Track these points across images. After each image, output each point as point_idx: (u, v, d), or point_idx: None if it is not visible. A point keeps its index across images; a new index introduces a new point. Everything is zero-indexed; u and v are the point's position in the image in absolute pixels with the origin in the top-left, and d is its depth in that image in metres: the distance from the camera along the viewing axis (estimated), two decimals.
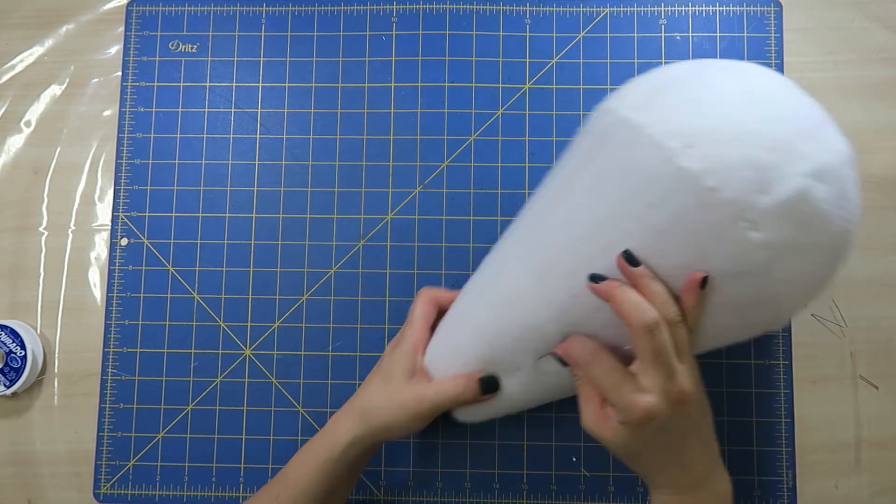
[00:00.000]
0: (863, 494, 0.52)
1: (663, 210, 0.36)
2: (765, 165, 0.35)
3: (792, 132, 0.36)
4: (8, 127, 0.58)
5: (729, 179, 0.35)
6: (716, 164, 0.35)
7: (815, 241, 0.37)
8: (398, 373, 0.46)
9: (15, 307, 0.56)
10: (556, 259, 0.41)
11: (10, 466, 0.54)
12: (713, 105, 0.37)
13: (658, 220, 0.37)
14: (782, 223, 0.35)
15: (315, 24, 0.58)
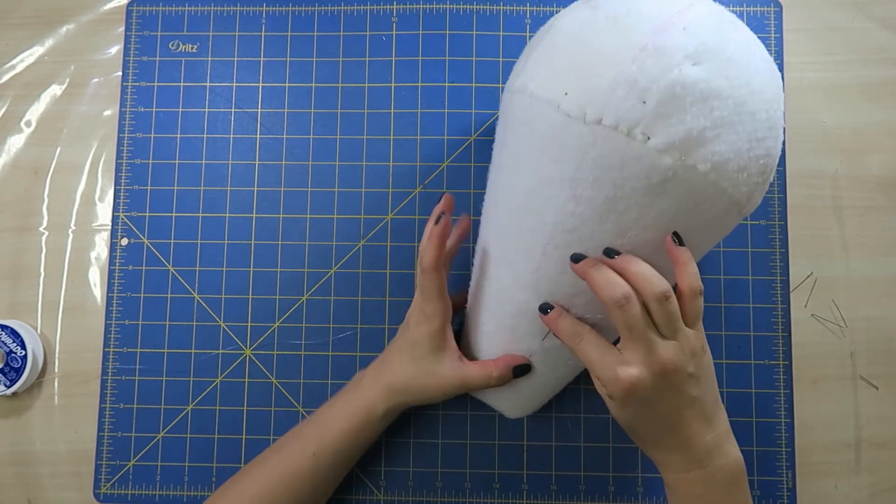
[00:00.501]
0: (863, 494, 0.52)
1: (569, 160, 0.38)
2: (633, 78, 0.36)
3: (646, 35, 0.36)
4: (8, 127, 0.58)
5: (608, 106, 0.36)
6: (590, 98, 0.36)
7: (719, 118, 0.37)
8: (429, 351, 0.46)
9: (15, 307, 0.56)
10: (511, 244, 0.43)
11: (10, 466, 0.54)
12: (568, 45, 0.39)
13: (568, 172, 0.38)
14: (673, 118, 0.36)
15: (315, 24, 0.58)
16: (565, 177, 0.38)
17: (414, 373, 0.47)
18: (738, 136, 0.37)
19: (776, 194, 0.55)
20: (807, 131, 0.55)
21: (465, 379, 0.46)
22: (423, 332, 0.46)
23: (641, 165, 0.36)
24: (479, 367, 0.46)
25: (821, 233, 0.55)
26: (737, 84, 0.37)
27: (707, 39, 0.36)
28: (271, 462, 0.47)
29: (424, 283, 0.45)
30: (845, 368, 0.53)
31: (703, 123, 0.36)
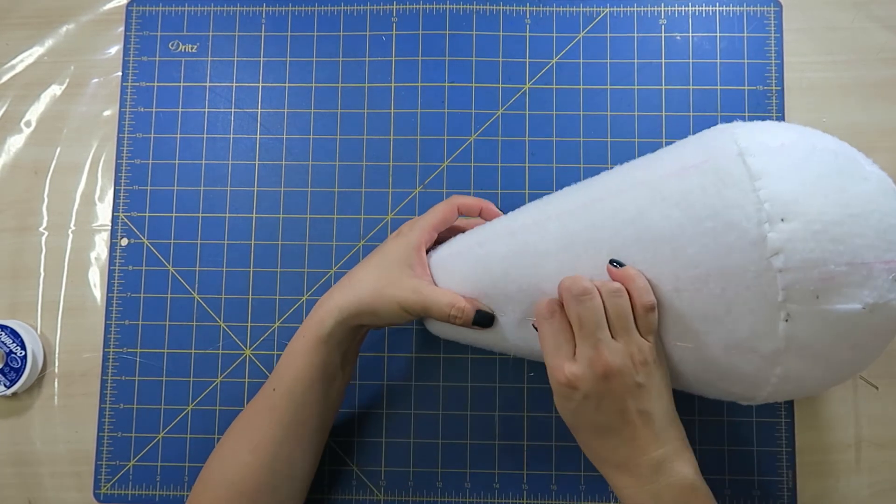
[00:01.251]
0: (863, 494, 0.52)
1: (717, 260, 0.36)
2: (838, 278, 0.35)
3: (883, 264, 0.36)
4: (8, 127, 0.58)
5: (798, 270, 0.35)
6: (795, 254, 0.35)
7: (842, 360, 0.37)
8: (396, 261, 0.45)
9: (15, 307, 0.56)
10: (593, 239, 0.41)
11: (10, 466, 0.54)
12: (835, 195, 0.36)
13: (705, 267, 0.37)
14: (820, 331, 0.35)
15: (315, 24, 0.58)
16: (696, 261, 0.37)
17: (375, 279, 0.44)
18: (821, 379, 0.39)
19: None
20: None
21: (427, 298, 0.43)
22: (399, 243, 0.45)
23: (757, 330, 0.36)
24: (446, 293, 0.44)
25: None
26: (869, 353, 0.39)
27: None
28: (245, 410, 0.46)
29: (437, 208, 0.46)
30: None
31: (830, 354, 0.37)
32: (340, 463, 0.53)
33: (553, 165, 0.55)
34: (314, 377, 0.44)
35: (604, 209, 0.41)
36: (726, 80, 0.56)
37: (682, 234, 0.37)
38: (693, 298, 0.37)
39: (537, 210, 0.45)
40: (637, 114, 0.56)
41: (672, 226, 0.38)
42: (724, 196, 0.37)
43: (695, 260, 0.37)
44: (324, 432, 0.48)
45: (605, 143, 0.55)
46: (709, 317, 0.37)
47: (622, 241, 0.39)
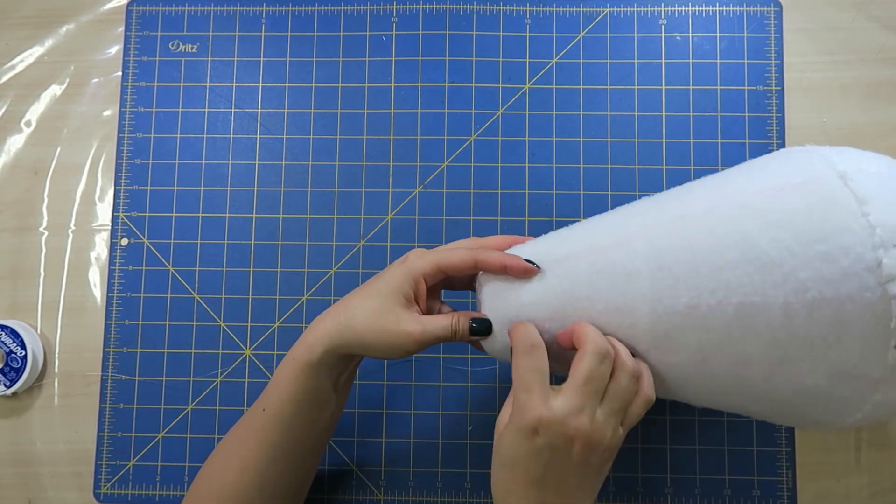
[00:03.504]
0: (863, 494, 0.52)
1: (829, 285, 0.35)
2: None
3: None
4: (8, 127, 0.58)
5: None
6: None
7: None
8: (391, 294, 0.41)
9: (15, 307, 0.56)
10: (691, 261, 0.39)
11: (10, 466, 0.54)
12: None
13: (817, 291, 0.35)
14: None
15: (315, 24, 0.58)
16: (805, 287, 0.36)
17: (370, 307, 0.41)
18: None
19: None
20: (807, 131, 0.55)
21: (425, 330, 0.41)
22: (400, 271, 0.42)
23: (864, 359, 0.35)
24: (441, 317, 0.42)
25: None
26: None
27: None
28: (236, 426, 0.45)
29: (458, 253, 0.42)
30: None
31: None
32: (340, 463, 0.53)
33: (553, 165, 0.55)
34: (303, 402, 0.43)
35: (698, 228, 0.39)
36: (726, 80, 0.56)
37: (791, 258, 0.36)
38: (803, 324, 0.36)
39: (617, 224, 0.43)
40: (637, 114, 0.56)
41: (780, 249, 0.36)
42: (833, 219, 0.36)
43: (806, 284, 0.36)
44: (316, 455, 0.47)
45: (605, 143, 0.55)
46: (817, 343, 0.36)
47: (725, 262, 0.38)
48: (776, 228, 0.37)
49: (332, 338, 0.41)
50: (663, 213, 0.42)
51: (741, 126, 0.55)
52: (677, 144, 0.55)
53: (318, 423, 0.44)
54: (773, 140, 0.55)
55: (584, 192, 0.55)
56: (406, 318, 0.41)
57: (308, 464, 0.46)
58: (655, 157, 0.55)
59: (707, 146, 0.55)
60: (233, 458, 0.44)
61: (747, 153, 0.55)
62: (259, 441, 0.43)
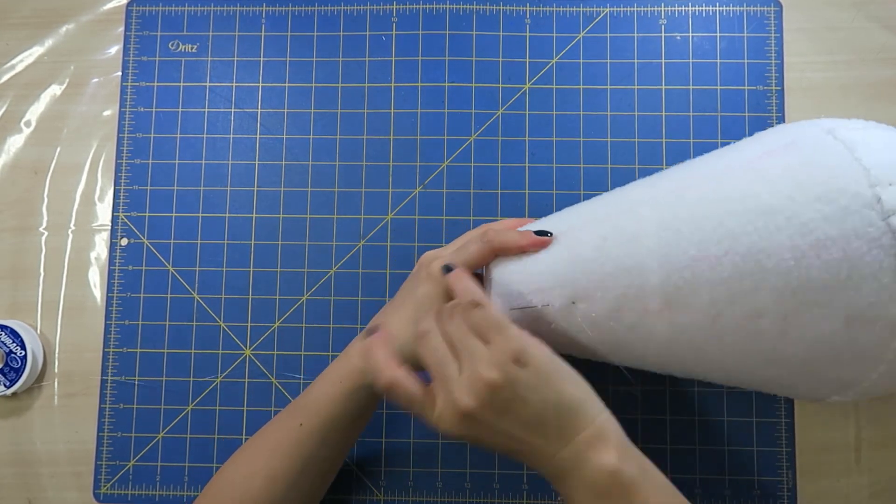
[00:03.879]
0: (863, 494, 0.52)
1: (833, 225, 0.36)
2: None
3: None
4: (8, 127, 0.58)
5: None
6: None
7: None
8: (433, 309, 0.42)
9: (15, 307, 0.56)
10: (695, 216, 0.39)
11: (10, 466, 0.54)
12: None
13: (822, 232, 0.36)
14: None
15: (315, 24, 0.58)
16: (810, 231, 0.36)
17: (412, 335, 0.41)
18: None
19: None
20: None
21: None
22: (432, 288, 0.43)
23: (871, 300, 0.35)
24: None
25: None
26: None
27: None
28: (263, 435, 0.45)
29: (472, 247, 0.43)
30: None
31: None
32: None
33: (553, 165, 0.55)
34: (347, 420, 0.44)
35: (701, 193, 0.40)
36: (726, 80, 0.56)
37: (793, 203, 0.37)
38: (812, 265, 0.36)
39: (617, 199, 0.44)
40: (637, 114, 0.56)
41: (781, 198, 0.37)
42: (827, 165, 0.37)
43: (810, 226, 0.36)
44: (340, 464, 0.48)
45: (605, 143, 0.55)
46: (830, 285, 0.36)
47: (728, 214, 0.38)
48: (775, 181, 0.38)
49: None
50: (665, 182, 0.43)
51: (741, 126, 0.55)
52: (677, 144, 0.55)
53: (353, 436, 0.46)
54: None
55: (584, 192, 0.55)
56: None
57: (330, 474, 0.47)
58: (655, 157, 0.55)
59: (707, 146, 0.55)
60: (258, 468, 0.43)
61: None
62: (293, 455, 0.43)
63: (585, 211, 0.45)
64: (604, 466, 0.35)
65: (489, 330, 0.37)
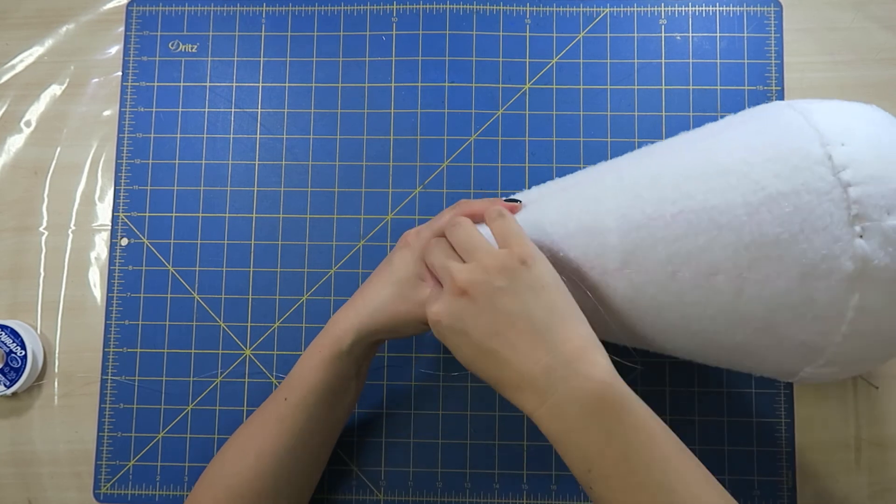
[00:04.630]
0: (863, 494, 0.52)
1: (784, 181, 0.37)
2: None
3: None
4: (8, 127, 0.58)
5: (867, 184, 0.35)
6: (862, 168, 0.36)
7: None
8: (407, 276, 0.44)
9: (15, 307, 0.56)
10: (654, 176, 0.41)
11: (10, 466, 0.54)
12: (885, 126, 0.39)
13: (774, 188, 0.37)
14: (892, 254, 0.35)
15: (315, 24, 0.58)
16: (765, 187, 0.37)
17: (390, 297, 0.43)
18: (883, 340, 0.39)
19: None
20: None
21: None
22: (406, 256, 0.45)
23: (829, 252, 0.36)
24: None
25: None
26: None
27: None
28: (255, 414, 0.46)
29: (445, 213, 0.46)
30: None
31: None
32: (340, 463, 0.53)
33: (553, 165, 0.55)
34: (327, 390, 0.44)
35: (662, 160, 0.42)
36: (726, 80, 0.56)
37: (745, 164, 0.38)
38: (764, 220, 0.37)
39: (586, 171, 0.47)
40: (637, 114, 0.56)
41: (736, 160, 0.39)
42: (781, 128, 0.39)
43: (762, 182, 0.37)
44: (331, 442, 0.48)
45: (605, 144, 0.55)
46: (781, 239, 0.37)
47: (684, 176, 0.40)
48: (731, 146, 0.40)
49: (359, 329, 0.43)
50: (631, 155, 0.46)
51: None
52: None
53: (338, 411, 0.46)
54: None
55: None
56: (426, 295, 0.43)
57: (324, 451, 0.47)
58: None
59: None
60: (249, 446, 0.44)
61: None
62: (279, 429, 0.44)
63: (556, 183, 0.48)
64: (593, 377, 0.34)
65: (509, 236, 0.40)
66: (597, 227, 0.41)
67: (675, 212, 0.39)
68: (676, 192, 0.39)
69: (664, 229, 0.39)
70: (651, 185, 0.41)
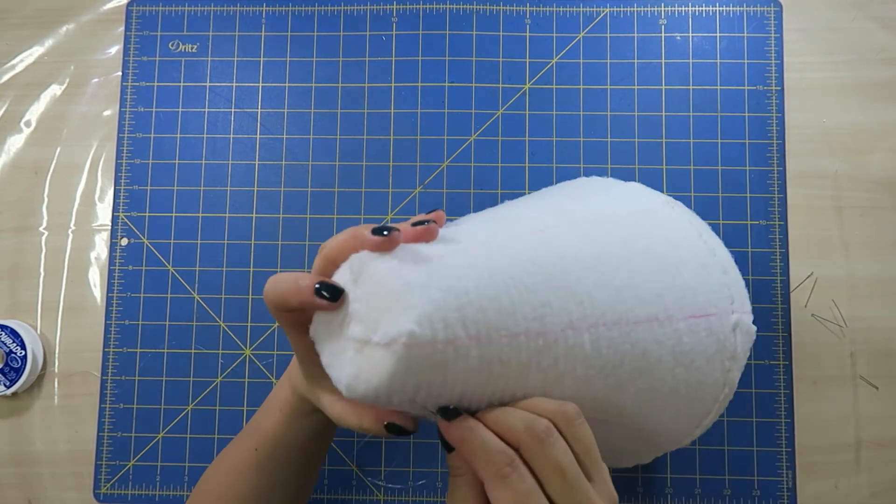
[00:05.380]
0: (863, 494, 0.52)
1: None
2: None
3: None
4: (8, 127, 0.58)
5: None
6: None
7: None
8: (309, 374, 0.37)
9: (15, 307, 0.56)
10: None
11: (10, 466, 0.54)
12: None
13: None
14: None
15: (315, 24, 0.58)
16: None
17: (307, 392, 0.38)
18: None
19: (776, 194, 0.55)
20: (807, 131, 0.55)
21: (339, 417, 0.36)
22: (296, 356, 0.38)
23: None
24: (352, 410, 0.35)
25: (821, 233, 0.55)
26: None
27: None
28: (228, 456, 0.44)
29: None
30: (845, 368, 0.53)
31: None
32: (340, 463, 0.53)
33: (553, 165, 0.55)
34: (293, 446, 0.42)
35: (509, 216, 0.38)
36: (726, 80, 0.56)
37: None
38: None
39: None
40: (637, 114, 0.56)
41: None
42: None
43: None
44: (313, 476, 0.46)
45: (605, 143, 0.55)
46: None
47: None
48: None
49: (309, 402, 0.39)
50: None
51: (741, 126, 0.55)
52: (677, 144, 0.55)
53: (317, 458, 0.44)
54: (774, 140, 0.55)
55: None
56: (327, 400, 0.36)
57: (309, 485, 0.45)
58: (655, 157, 0.55)
59: (707, 146, 0.55)
60: (224, 491, 0.42)
61: (747, 153, 0.55)
62: (252, 479, 0.42)
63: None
64: None
65: (594, 462, 0.31)
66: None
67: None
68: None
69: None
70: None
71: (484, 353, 0.30)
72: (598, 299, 0.32)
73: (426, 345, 0.29)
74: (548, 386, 0.32)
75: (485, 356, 0.30)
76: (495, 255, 0.32)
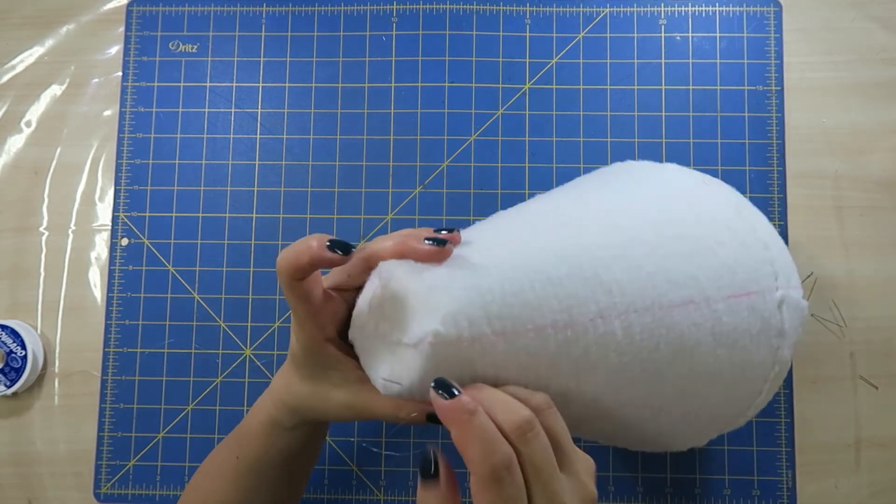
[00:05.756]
0: (862, 494, 0.52)
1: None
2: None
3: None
4: (8, 127, 0.58)
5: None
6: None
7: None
8: (314, 370, 0.37)
9: (15, 307, 0.56)
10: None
11: (10, 466, 0.54)
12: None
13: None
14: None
15: (315, 24, 0.58)
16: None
17: (306, 394, 0.38)
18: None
19: (776, 194, 0.55)
20: (807, 131, 0.55)
21: (370, 409, 0.36)
22: (299, 346, 0.37)
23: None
24: (390, 402, 0.35)
25: (821, 233, 0.55)
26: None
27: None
28: (213, 461, 0.43)
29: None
30: (845, 368, 0.53)
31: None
32: (340, 463, 0.53)
33: (553, 165, 0.55)
34: (279, 456, 0.41)
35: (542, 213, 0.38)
36: (726, 81, 0.56)
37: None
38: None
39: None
40: (637, 114, 0.56)
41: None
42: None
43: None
44: (298, 491, 0.45)
45: (605, 144, 0.55)
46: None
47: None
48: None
49: (294, 414, 0.39)
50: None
51: (741, 126, 0.55)
52: (677, 144, 0.55)
53: (298, 473, 0.43)
54: (773, 140, 0.55)
55: None
56: (345, 394, 0.36)
57: (296, 493, 0.45)
58: (655, 157, 0.55)
59: (707, 146, 0.55)
60: (210, 499, 0.42)
61: (747, 153, 0.55)
62: (236, 487, 0.41)
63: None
64: None
65: (565, 453, 0.32)
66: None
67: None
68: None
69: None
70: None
71: (510, 348, 0.31)
72: (627, 286, 0.33)
73: (452, 343, 0.30)
74: (581, 375, 0.33)
75: (511, 350, 0.31)
76: (519, 250, 0.33)
